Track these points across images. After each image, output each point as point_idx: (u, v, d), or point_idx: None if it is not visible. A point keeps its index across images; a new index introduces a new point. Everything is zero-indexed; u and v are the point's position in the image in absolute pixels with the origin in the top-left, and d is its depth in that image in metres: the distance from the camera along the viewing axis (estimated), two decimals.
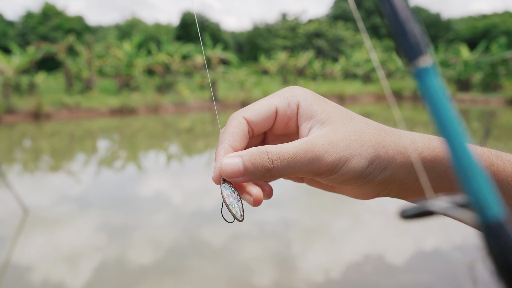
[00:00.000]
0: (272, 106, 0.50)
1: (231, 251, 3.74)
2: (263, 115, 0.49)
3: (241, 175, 0.46)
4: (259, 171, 0.45)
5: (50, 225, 4.41)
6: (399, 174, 0.47)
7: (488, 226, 0.18)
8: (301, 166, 0.45)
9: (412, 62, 0.19)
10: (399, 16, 0.21)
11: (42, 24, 29.69)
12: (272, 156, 0.45)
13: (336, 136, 0.46)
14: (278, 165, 0.45)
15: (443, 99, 0.18)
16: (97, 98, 15.87)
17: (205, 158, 8.36)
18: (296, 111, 0.50)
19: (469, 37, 37.21)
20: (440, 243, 3.89)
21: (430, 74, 0.18)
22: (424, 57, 0.19)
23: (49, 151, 8.98)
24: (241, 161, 0.45)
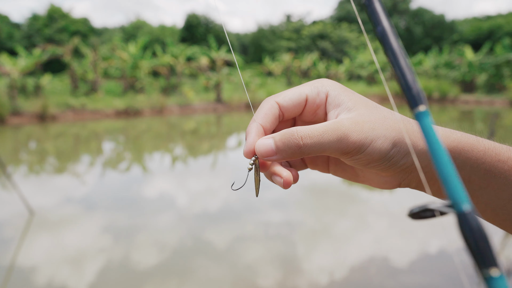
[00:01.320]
0: (303, 93, 0.53)
1: (235, 252, 3.75)
2: (294, 101, 0.53)
3: (274, 154, 0.49)
4: (290, 148, 0.48)
5: (55, 227, 4.45)
6: (420, 161, 0.49)
7: (461, 216, 0.25)
8: (329, 143, 0.48)
9: (414, 108, 0.27)
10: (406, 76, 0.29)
11: (47, 26, 29.84)
12: (301, 134, 0.48)
13: (362, 118, 0.49)
14: (308, 142, 0.48)
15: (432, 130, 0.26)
16: (102, 100, 15.94)
17: (210, 159, 8.38)
18: (325, 100, 0.53)
19: (473, 38, 37.09)
20: (444, 244, 3.89)
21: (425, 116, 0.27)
22: (421, 105, 0.27)
23: (54, 153, 9.03)
24: (273, 141, 0.49)
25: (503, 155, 0.50)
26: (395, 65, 0.30)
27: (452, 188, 0.25)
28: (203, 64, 20.73)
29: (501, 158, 0.50)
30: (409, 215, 0.31)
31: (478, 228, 0.24)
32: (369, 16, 0.33)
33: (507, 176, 0.49)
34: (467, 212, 0.25)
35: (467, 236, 0.24)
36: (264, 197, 5.47)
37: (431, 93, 20.68)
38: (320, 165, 0.61)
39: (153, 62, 19.97)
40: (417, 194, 5.56)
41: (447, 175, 0.25)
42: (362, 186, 6.15)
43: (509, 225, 0.52)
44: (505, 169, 0.49)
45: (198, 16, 35.79)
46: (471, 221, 0.24)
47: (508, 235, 4.04)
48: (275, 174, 0.52)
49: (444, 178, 0.25)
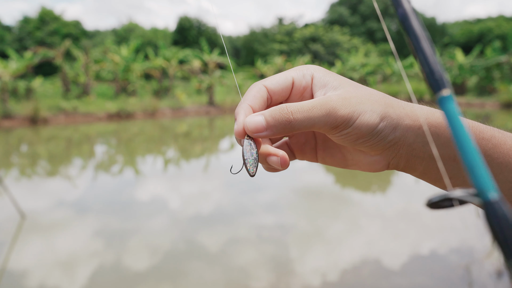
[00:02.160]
0: (289, 77, 0.54)
1: (228, 255, 3.75)
2: (281, 84, 0.54)
3: (264, 129, 0.50)
4: (281, 123, 0.49)
5: (47, 230, 4.42)
6: (408, 137, 0.50)
7: (487, 205, 0.23)
8: (319, 117, 0.48)
9: (437, 93, 0.26)
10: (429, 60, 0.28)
11: (39, 29, 29.68)
12: (291, 109, 0.49)
13: (349, 94, 0.50)
14: (298, 117, 0.48)
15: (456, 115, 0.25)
16: (94, 103, 15.88)
17: (203, 162, 8.37)
18: (311, 82, 0.54)
19: (464, 41, 37.42)
20: (436, 246, 3.91)
21: (449, 101, 0.26)
22: (445, 90, 0.26)
23: (46, 156, 8.97)
24: (263, 117, 0.50)
25: (486, 133, 0.51)
26: (418, 49, 0.28)
27: (478, 176, 0.24)
28: (195, 67, 20.72)
29: (485, 136, 0.51)
30: (428, 204, 0.29)
31: (506, 218, 0.23)
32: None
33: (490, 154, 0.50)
34: (494, 201, 0.23)
35: (495, 226, 0.23)
36: (256, 200, 5.47)
37: (422, 96, 20.80)
38: (308, 153, 0.61)
39: (145, 65, 19.94)
40: (409, 195, 5.57)
41: (472, 162, 0.24)
42: (355, 188, 6.17)
43: None
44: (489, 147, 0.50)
45: (191, 19, 35.79)
46: (499, 211, 0.23)
47: None
48: (270, 154, 0.53)
49: (469, 165, 0.24)
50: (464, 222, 4.60)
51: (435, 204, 0.28)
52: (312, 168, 7.06)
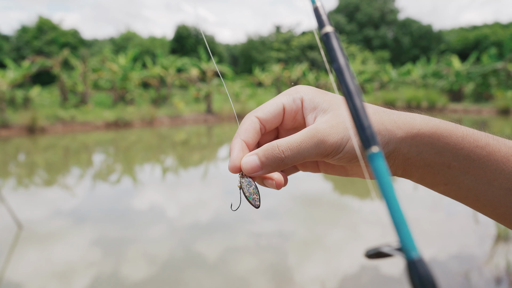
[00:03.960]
0: (280, 104, 0.56)
1: (227, 263, 3.73)
2: (272, 112, 0.56)
3: (260, 169, 0.52)
4: (274, 162, 0.51)
5: (44, 240, 4.39)
6: (401, 148, 0.51)
7: (410, 263, 0.25)
8: (309, 151, 0.51)
9: (367, 149, 0.27)
10: (361, 117, 0.29)
11: (37, 38, 29.75)
12: (282, 148, 0.51)
13: (337, 119, 0.51)
14: (289, 154, 0.51)
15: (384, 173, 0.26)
16: (92, 112, 15.87)
17: (201, 170, 8.36)
18: (301, 105, 0.56)
19: (460, 48, 37.61)
20: (436, 253, 3.90)
21: (378, 158, 0.27)
22: (374, 147, 0.27)
23: (43, 165, 8.95)
24: (257, 157, 0.52)
25: (480, 141, 0.51)
26: (350, 104, 0.29)
27: (403, 235, 0.25)
28: (193, 75, 20.75)
29: (479, 144, 0.51)
30: (365, 256, 0.31)
31: (427, 276, 0.24)
32: (327, 52, 0.33)
33: (485, 161, 0.51)
34: (416, 260, 0.25)
35: (416, 284, 0.24)
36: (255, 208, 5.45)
37: (420, 102, 20.86)
38: (309, 166, 0.63)
39: (143, 74, 19.96)
40: (408, 202, 5.54)
41: (399, 222, 0.26)
42: (353, 195, 6.17)
43: (490, 210, 0.54)
44: (483, 154, 0.51)
45: (188, 27, 35.92)
46: (420, 269, 0.25)
47: (498, 243, 4.07)
48: (266, 178, 0.56)
49: (396, 224, 0.26)
50: (463, 229, 4.59)
51: (371, 256, 0.30)
52: (311, 176, 7.06)
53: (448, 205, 5.52)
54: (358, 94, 0.30)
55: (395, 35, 46.20)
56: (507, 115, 17.76)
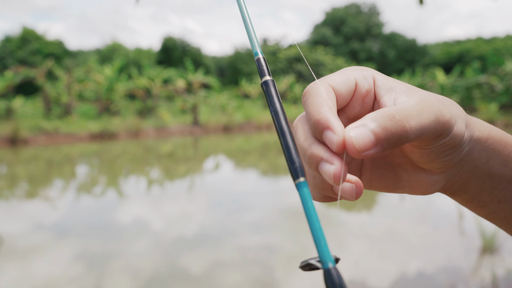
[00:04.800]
0: (351, 78, 0.43)
1: (213, 278, 3.66)
2: (345, 86, 0.43)
3: (373, 146, 0.37)
4: (394, 135, 0.37)
5: (25, 255, 4.27)
6: (474, 151, 0.45)
7: (325, 271, 0.30)
8: (430, 124, 0.39)
9: (296, 179, 0.33)
10: (291, 152, 0.34)
11: (20, 49, 29.47)
12: (404, 114, 0.37)
13: (436, 97, 0.42)
14: (413, 124, 0.38)
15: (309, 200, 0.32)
16: (76, 123, 15.69)
17: (187, 183, 8.28)
18: (373, 84, 0.45)
19: (444, 62, 38.20)
20: (422, 265, 3.88)
21: (304, 186, 0.33)
22: (301, 177, 0.33)
23: (25, 178, 8.78)
24: (369, 129, 0.37)
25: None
26: (282, 142, 0.35)
27: (321, 249, 0.31)
28: (179, 86, 20.70)
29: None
30: (299, 267, 0.34)
31: (339, 282, 0.30)
32: (266, 97, 0.37)
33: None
34: (331, 268, 0.30)
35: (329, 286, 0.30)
36: (241, 221, 5.40)
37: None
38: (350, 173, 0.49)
39: (129, 85, 19.86)
40: (394, 214, 5.54)
41: (318, 239, 0.31)
42: (340, 208, 6.14)
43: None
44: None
45: (175, 39, 35.94)
46: (334, 276, 0.30)
47: (483, 255, 4.06)
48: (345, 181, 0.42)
49: (316, 241, 0.31)
50: (449, 241, 4.58)
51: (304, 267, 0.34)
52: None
53: (433, 217, 5.53)
54: (290, 134, 0.35)
55: (380, 48, 46.80)
56: None
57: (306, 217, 0.32)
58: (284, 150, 0.34)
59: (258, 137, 16.70)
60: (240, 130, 18.33)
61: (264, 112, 20.84)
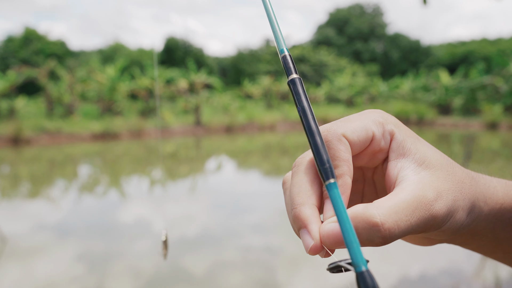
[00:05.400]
0: (370, 131, 0.41)
1: (214, 279, 3.62)
2: (361, 138, 0.40)
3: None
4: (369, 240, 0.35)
5: (29, 254, 4.24)
6: (479, 225, 0.43)
7: (358, 274, 0.30)
8: (417, 227, 0.37)
9: (326, 180, 0.33)
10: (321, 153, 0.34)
11: (23, 49, 29.52)
12: (388, 225, 0.35)
13: (443, 186, 0.39)
14: (396, 232, 0.35)
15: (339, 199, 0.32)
16: (78, 123, 15.68)
17: (189, 183, 8.24)
18: (389, 143, 0.42)
19: (448, 63, 38.07)
20: (425, 267, 3.83)
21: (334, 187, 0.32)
22: (332, 178, 0.33)
23: (28, 178, 8.77)
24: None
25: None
26: (311, 143, 0.34)
27: (353, 252, 0.30)
28: (182, 87, 20.68)
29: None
30: (327, 269, 0.34)
31: (373, 285, 0.30)
32: (293, 96, 0.36)
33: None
34: (364, 271, 0.30)
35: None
36: (243, 222, 5.36)
37: (409, 116, 20.99)
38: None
39: (131, 85, 19.84)
40: None
41: (351, 241, 0.30)
42: None
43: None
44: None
45: (177, 39, 35.96)
46: (367, 279, 0.30)
47: (485, 257, 4.00)
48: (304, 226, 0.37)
49: (348, 243, 0.31)
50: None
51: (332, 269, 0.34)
52: None
53: None
54: (319, 133, 0.34)
55: (384, 49, 46.71)
56: (495, 129, 17.91)
57: (338, 219, 0.31)
58: (313, 151, 0.34)
59: (261, 137, 16.66)
60: (243, 130, 18.30)
61: (266, 113, 20.81)
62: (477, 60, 32.69)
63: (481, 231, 0.44)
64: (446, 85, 22.58)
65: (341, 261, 0.33)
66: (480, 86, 20.92)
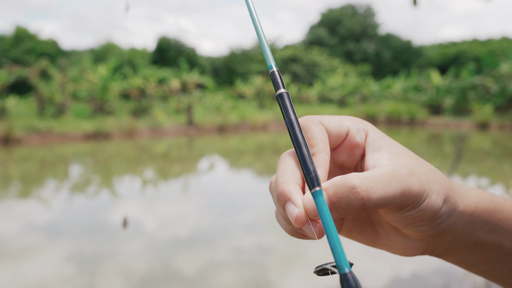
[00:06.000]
0: (345, 126, 0.45)
1: (207, 279, 3.62)
2: (337, 130, 0.45)
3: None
4: (350, 205, 0.38)
5: (17, 255, 4.21)
6: (458, 224, 0.44)
7: (341, 276, 0.32)
8: (394, 197, 0.39)
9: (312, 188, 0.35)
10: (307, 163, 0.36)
11: (14, 48, 29.29)
12: (365, 187, 0.37)
13: (417, 168, 0.42)
14: (373, 197, 0.38)
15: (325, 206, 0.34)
16: (70, 123, 15.58)
17: (181, 183, 8.23)
18: (365, 139, 0.46)
19: (440, 63, 38.30)
20: (417, 267, 3.85)
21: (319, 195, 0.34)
22: (317, 187, 0.35)
23: (18, 177, 8.70)
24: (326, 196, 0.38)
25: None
26: (298, 153, 0.36)
27: (338, 255, 0.33)
28: (174, 86, 20.63)
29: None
30: (314, 272, 0.36)
31: (356, 286, 0.31)
32: (280, 108, 0.39)
33: None
34: (347, 273, 0.32)
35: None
36: (236, 221, 5.36)
37: (400, 116, 21.09)
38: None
39: (124, 85, 19.75)
40: None
41: (335, 245, 0.33)
42: None
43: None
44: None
45: (169, 39, 35.85)
46: (350, 280, 0.32)
47: None
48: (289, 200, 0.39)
49: (332, 247, 0.33)
50: None
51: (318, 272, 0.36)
52: None
53: None
54: (305, 144, 0.37)
55: (376, 49, 46.89)
56: (486, 129, 18.05)
57: (322, 224, 0.33)
58: (300, 161, 0.36)
59: (253, 137, 16.66)
60: (235, 130, 18.29)
61: (259, 113, 20.82)
62: (468, 60, 32.94)
63: (461, 232, 0.45)
64: (437, 85, 22.71)
65: (327, 264, 0.35)
66: (470, 86, 21.08)
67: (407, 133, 17.76)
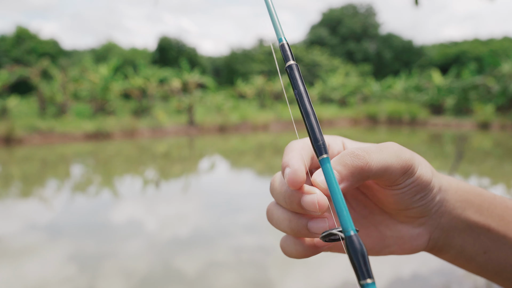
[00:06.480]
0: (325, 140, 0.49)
1: (207, 279, 3.63)
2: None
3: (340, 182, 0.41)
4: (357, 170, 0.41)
5: (17, 255, 4.22)
6: (448, 200, 0.48)
7: (347, 238, 0.33)
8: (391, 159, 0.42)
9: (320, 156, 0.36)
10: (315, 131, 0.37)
11: (15, 48, 29.32)
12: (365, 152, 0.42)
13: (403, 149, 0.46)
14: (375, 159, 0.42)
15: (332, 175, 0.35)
16: (71, 123, 15.59)
17: (182, 183, 8.23)
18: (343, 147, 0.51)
19: (441, 63, 38.27)
20: (418, 267, 3.85)
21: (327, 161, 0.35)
22: (325, 154, 0.36)
23: (19, 177, 8.72)
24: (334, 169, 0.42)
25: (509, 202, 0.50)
26: (307, 122, 0.37)
27: (343, 219, 0.33)
28: (175, 86, 20.63)
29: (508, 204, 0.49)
30: (320, 238, 0.39)
31: (360, 247, 0.32)
32: (290, 80, 0.40)
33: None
34: (352, 235, 0.32)
35: (351, 254, 0.32)
36: (236, 221, 5.36)
37: (401, 116, 21.06)
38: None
39: (124, 85, 19.75)
40: None
41: (341, 209, 0.33)
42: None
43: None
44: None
45: (170, 39, 35.87)
46: (355, 242, 0.32)
47: None
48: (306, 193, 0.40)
49: (339, 211, 0.34)
50: None
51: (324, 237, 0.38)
52: None
53: None
54: (314, 114, 0.38)
55: (377, 49, 46.85)
56: (487, 129, 18.03)
57: (329, 190, 0.34)
58: (308, 130, 0.37)
59: (254, 137, 16.66)
60: (236, 130, 18.29)
61: (259, 113, 20.81)
62: (469, 60, 32.88)
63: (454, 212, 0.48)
64: (438, 85, 22.68)
65: (332, 230, 0.36)
66: (472, 86, 21.05)
67: (408, 133, 17.74)
